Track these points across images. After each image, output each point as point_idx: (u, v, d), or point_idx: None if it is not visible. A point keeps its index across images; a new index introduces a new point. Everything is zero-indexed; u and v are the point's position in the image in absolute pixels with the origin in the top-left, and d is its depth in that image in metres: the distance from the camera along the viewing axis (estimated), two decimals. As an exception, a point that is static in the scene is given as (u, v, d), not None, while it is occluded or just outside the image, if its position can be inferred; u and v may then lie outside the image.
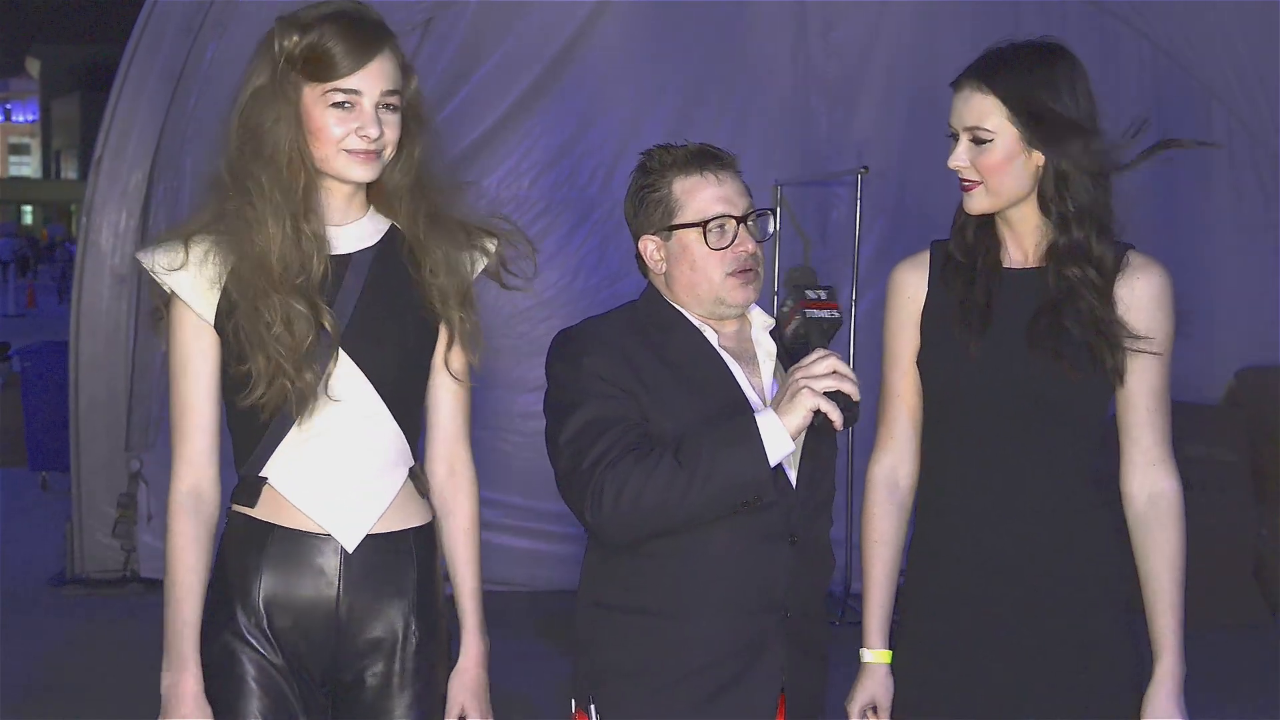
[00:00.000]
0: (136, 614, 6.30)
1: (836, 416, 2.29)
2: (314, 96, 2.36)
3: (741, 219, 2.51)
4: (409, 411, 2.50)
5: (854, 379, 2.30)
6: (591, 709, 2.51)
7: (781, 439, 2.31)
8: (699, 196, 2.51)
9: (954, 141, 2.51)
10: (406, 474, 2.48)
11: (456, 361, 2.53)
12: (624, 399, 2.43)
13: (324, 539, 2.42)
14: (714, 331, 2.54)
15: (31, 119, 72.98)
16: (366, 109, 2.37)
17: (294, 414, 2.37)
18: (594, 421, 2.40)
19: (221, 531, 2.46)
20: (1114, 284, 2.48)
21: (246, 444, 2.43)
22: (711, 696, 2.45)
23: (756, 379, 2.54)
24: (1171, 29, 6.93)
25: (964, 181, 2.51)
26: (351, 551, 2.42)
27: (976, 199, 2.51)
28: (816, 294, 2.40)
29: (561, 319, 6.32)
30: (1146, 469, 2.50)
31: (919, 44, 6.78)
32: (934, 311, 2.57)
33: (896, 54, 6.85)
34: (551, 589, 6.47)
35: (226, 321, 2.37)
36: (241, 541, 2.43)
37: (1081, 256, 2.46)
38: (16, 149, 74.32)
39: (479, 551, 2.60)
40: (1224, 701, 5.16)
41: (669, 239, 2.53)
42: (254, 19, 2.46)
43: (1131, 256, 2.51)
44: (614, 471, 2.34)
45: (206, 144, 2.48)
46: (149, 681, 2.39)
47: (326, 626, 2.42)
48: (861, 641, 2.66)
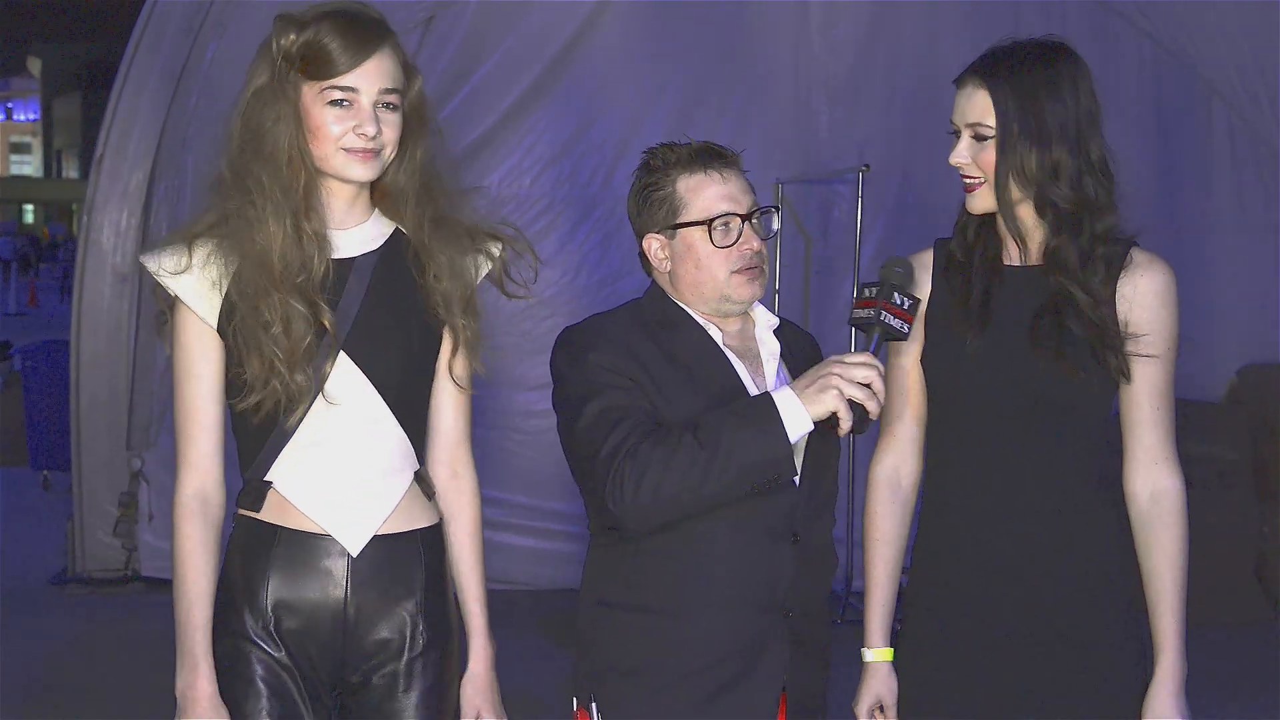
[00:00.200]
0: (138, 613, 6.30)
1: (847, 424, 2.29)
2: (312, 95, 2.35)
3: (746, 217, 2.51)
4: (413, 415, 2.49)
5: (881, 400, 2.30)
6: (593, 707, 2.50)
7: (800, 418, 2.31)
8: (703, 195, 2.50)
9: (956, 138, 2.51)
10: (412, 477, 2.48)
11: (460, 368, 2.52)
12: (634, 389, 2.42)
13: (330, 541, 2.41)
14: (718, 330, 2.54)
15: (33, 118, 72.97)
16: (364, 107, 2.36)
17: (284, 415, 2.36)
18: (609, 410, 2.39)
19: (228, 535, 2.46)
20: (1116, 282, 2.47)
21: (251, 448, 2.42)
22: (712, 695, 2.45)
23: (760, 377, 2.54)
24: (1173, 27, 6.92)
25: (966, 180, 2.51)
26: (357, 555, 2.42)
27: (980, 198, 2.50)
28: (902, 301, 2.39)
29: (563, 317, 6.31)
30: (1149, 467, 2.50)
31: (920, 42, 6.77)
32: (936, 310, 2.57)
33: (897, 52, 6.85)
34: (554, 587, 6.48)
35: (228, 325, 2.36)
36: (248, 545, 2.43)
37: (1073, 262, 2.45)
38: (18, 148, 74.32)
39: (483, 554, 2.59)
40: (1225, 700, 5.15)
41: (673, 237, 2.53)
42: (254, 18, 2.46)
43: (1135, 254, 2.49)
44: (634, 458, 2.33)
45: (208, 143, 2.48)
46: (150, 680, 2.39)
47: (334, 628, 2.42)
48: (862, 640, 2.65)
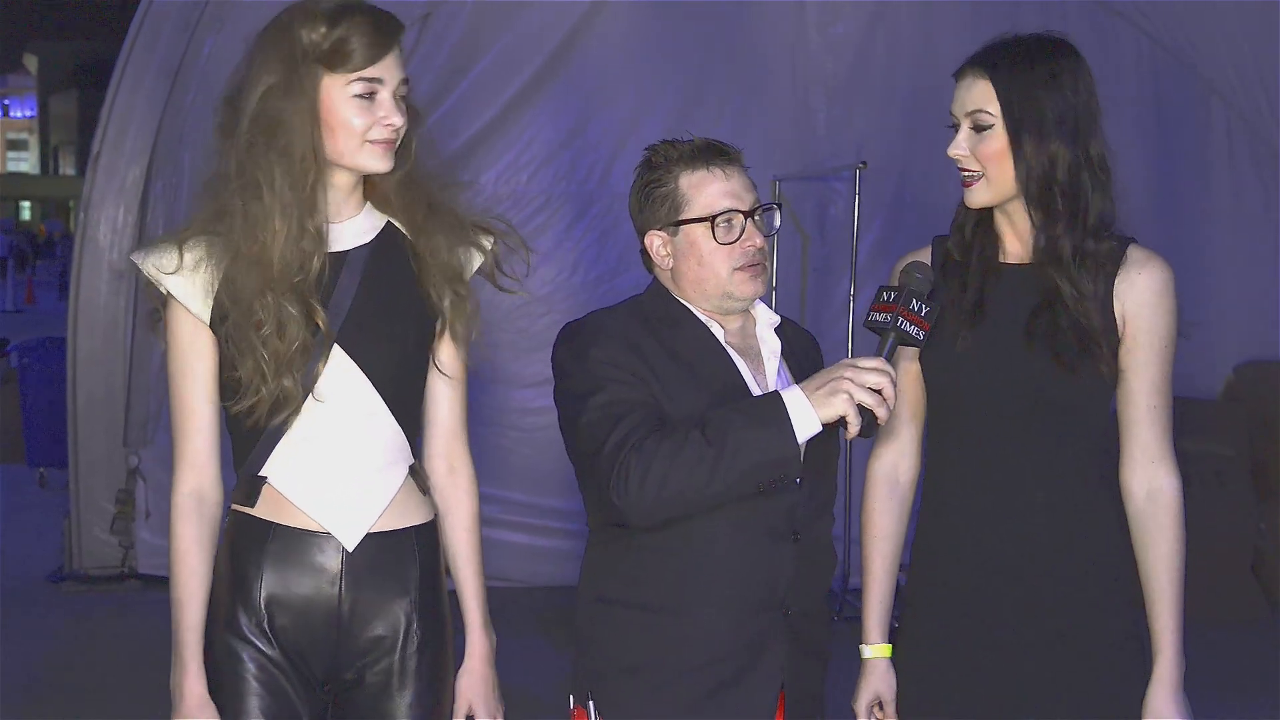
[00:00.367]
0: (135, 610, 6.30)
1: (855, 428, 2.28)
2: (335, 88, 2.34)
3: (749, 214, 2.50)
4: (408, 409, 2.48)
5: (891, 406, 2.28)
6: (590, 705, 2.50)
7: (809, 419, 2.29)
8: (706, 191, 2.50)
9: (954, 132, 2.50)
10: (407, 472, 2.47)
11: (448, 356, 2.51)
12: (638, 384, 2.41)
13: (325, 537, 2.41)
14: (720, 327, 2.53)
15: (29, 114, 72.90)
16: (387, 99, 2.36)
17: (274, 418, 2.35)
18: (613, 404, 2.38)
19: (222, 530, 2.46)
20: (1113, 280, 2.46)
21: (245, 444, 2.42)
22: (711, 694, 2.44)
23: (761, 375, 2.53)
24: (1172, 25, 6.92)
25: (964, 174, 2.50)
26: (352, 550, 2.41)
27: (977, 192, 2.49)
28: (920, 307, 2.37)
29: (560, 314, 6.31)
30: (1146, 466, 2.49)
31: (918, 40, 6.77)
32: (934, 308, 2.56)
33: (895, 50, 6.85)
34: (551, 584, 6.47)
35: (220, 326, 2.36)
36: (242, 541, 2.42)
37: (1065, 256, 2.44)
38: (14, 144, 74.21)
39: (480, 548, 2.59)
40: (1224, 698, 5.14)
41: (676, 234, 2.52)
42: (251, 14, 2.44)
43: (1132, 251, 2.48)
44: (639, 452, 2.32)
45: (205, 140, 2.45)
46: (147, 677, 2.40)
47: (328, 625, 2.41)
48: (860, 637, 2.64)
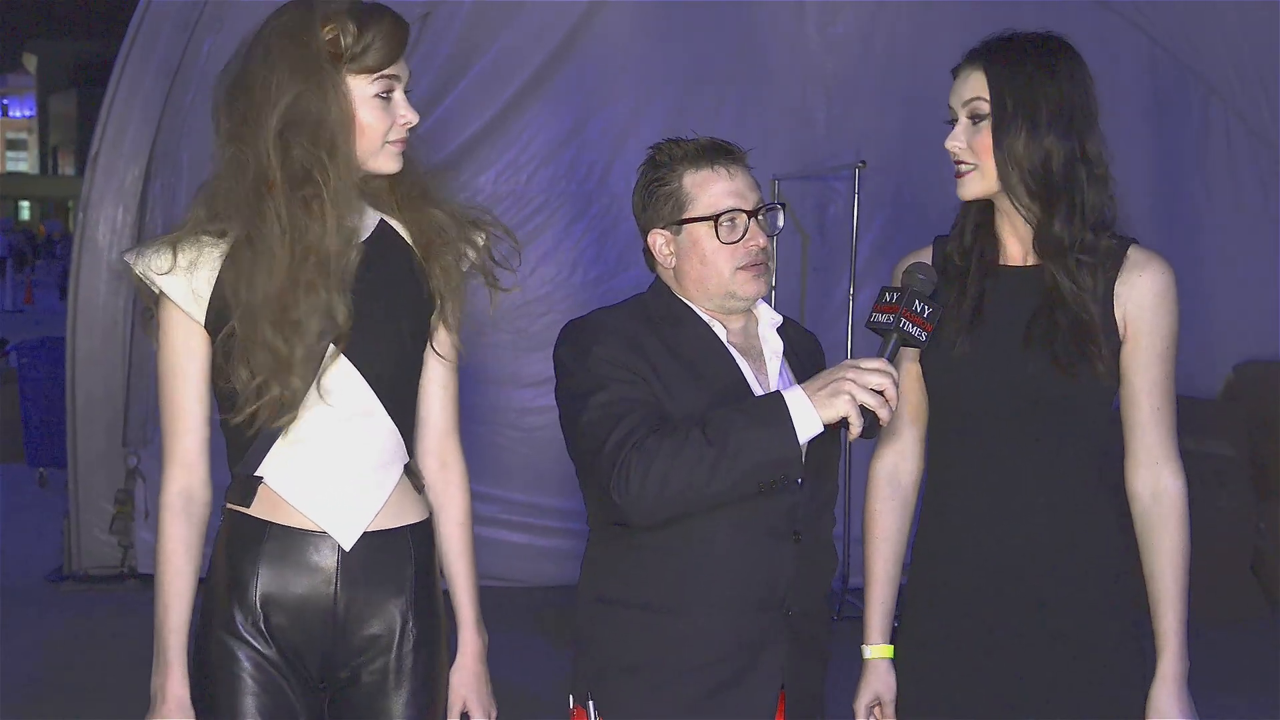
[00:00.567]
0: (134, 610, 6.28)
1: (857, 430, 2.28)
2: (360, 88, 2.33)
3: (752, 213, 2.50)
4: (404, 407, 2.48)
5: (894, 407, 2.28)
6: (589, 705, 2.50)
7: (811, 420, 2.28)
8: (710, 190, 2.49)
9: (951, 125, 2.49)
10: (402, 470, 2.47)
11: (447, 343, 2.50)
12: (639, 383, 2.41)
13: (320, 536, 2.40)
14: (722, 327, 2.53)
15: (28, 114, 72.91)
16: (401, 96, 2.36)
17: (277, 420, 2.34)
18: (615, 402, 2.38)
19: (216, 530, 2.45)
20: (1114, 281, 2.46)
21: (240, 444, 2.40)
22: (711, 693, 2.44)
23: (763, 375, 2.53)
24: (1172, 25, 6.92)
25: (959, 165, 2.49)
26: (349, 549, 2.41)
27: (970, 183, 2.49)
28: (923, 308, 2.36)
29: (559, 314, 6.31)
30: (1150, 467, 2.48)
31: (917, 40, 6.77)
32: (934, 309, 2.56)
33: (894, 49, 6.85)
34: (551, 584, 6.47)
35: (217, 326, 2.34)
36: (237, 540, 2.41)
37: (1062, 249, 2.43)
38: (13, 144, 74.22)
39: (473, 545, 2.58)
40: (1222, 697, 5.14)
41: (679, 233, 2.52)
42: (249, 14, 2.42)
43: (1133, 252, 2.48)
44: (640, 451, 2.31)
45: (204, 139, 2.44)
46: (147, 677, 2.39)
47: (324, 624, 2.40)
48: (860, 637, 2.64)
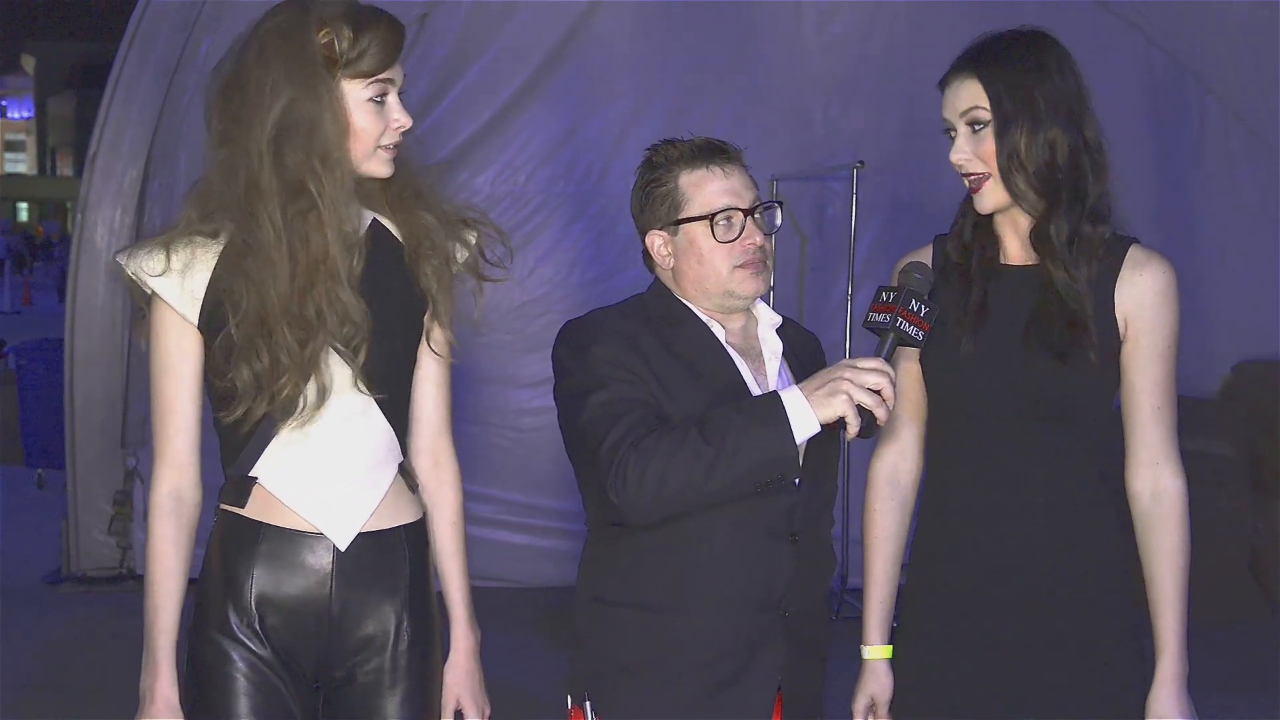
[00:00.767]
0: (133, 611, 6.21)
1: (854, 429, 2.28)
2: (354, 92, 2.32)
3: (749, 212, 2.50)
4: (398, 407, 2.47)
5: (891, 406, 2.27)
6: (587, 705, 2.50)
7: (808, 419, 2.28)
8: (706, 190, 2.49)
9: (951, 138, 2.47)
10: (396, 469, 2.47)
11: (440, 338, 2.50)
12: (638, 383, 2.41)
13: (315, 537, 2.40)
14: (721, 327, 2.53)
15: (26, 115, 72.87)
16: (394, 100, 2.35)
17: (278, 421, 2.34)
18: (613, 403, 2.38)
19: (210, 530, 2.44)
20: (1115, 280, 2.45)
21: (234, 444, 2.40)
22: (709, 693, 2.44)
23: (762, 376, 2.53)
24: (1170, 26, 6.92)
25: (970, 177, 2.47)
26: (344, 550, 2.41)
27: (988, 195, 2.46)
28: (920, 308, 2.36)
29: (557, 314, 6.31)
30: (1151, 467, 2.47)
31: (916, 40, 6.76)
32: (934, 308, 2.55)
33: (893, 50, 6.84)
34: (549, 584, 6.46)
35: (211, 326, 2.33)
36: (231, 540, 2.41)
37: (1061, 240, 2.42)
38: (11, 146, 74.16)
39: (465, 543, 2.58)
40: (1223, 697, 5.15)
41: (676, 233, 2.52)
42: (247, 15, 2.42)
43: (1134, 252, 2.47)
44: (638, 450, 2.31)
45: (202, 141, 2.43)
46: (145, 679, 2.38)
47: (318, 624, 2.40)
48: (859, 638, 2.64)
